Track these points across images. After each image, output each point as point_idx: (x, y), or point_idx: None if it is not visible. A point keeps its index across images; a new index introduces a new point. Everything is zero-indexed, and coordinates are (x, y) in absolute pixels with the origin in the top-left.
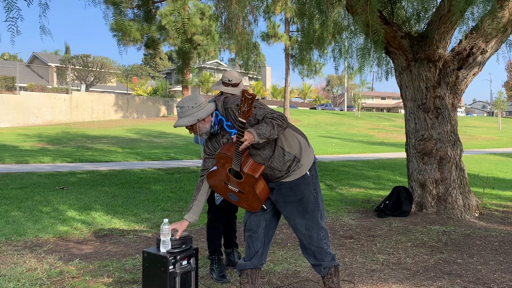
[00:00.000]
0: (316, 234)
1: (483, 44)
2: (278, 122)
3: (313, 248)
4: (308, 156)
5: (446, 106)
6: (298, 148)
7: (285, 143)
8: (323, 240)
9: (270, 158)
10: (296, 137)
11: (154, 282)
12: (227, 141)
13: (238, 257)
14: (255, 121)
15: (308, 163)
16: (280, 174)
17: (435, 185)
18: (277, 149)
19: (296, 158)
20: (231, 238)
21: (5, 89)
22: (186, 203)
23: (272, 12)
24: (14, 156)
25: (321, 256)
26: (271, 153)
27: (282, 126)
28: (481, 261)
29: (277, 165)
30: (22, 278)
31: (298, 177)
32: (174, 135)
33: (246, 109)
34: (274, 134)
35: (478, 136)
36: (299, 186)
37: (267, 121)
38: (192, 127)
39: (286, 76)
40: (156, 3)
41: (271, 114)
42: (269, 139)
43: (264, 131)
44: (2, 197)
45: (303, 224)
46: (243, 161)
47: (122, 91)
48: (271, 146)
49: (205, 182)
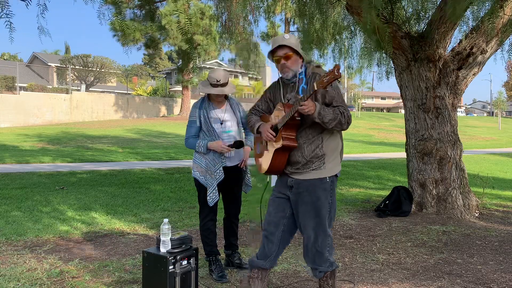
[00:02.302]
0: (322, 240)
1: (483, 44)
2: (342, 119)
3: (315, 251)
4: (334, 165)
5: (446, 106)
6: (332, 151)
7: (327, 138)
8: (326, 247)
9: (306, 141)
10: (338, 142)
11: (154, 282)
12: (287, 101)
13: (238, 259)
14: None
15: (331, 170)
16: (301, 162)
17: (435, 185)
18: (317, 138)
19: (323, 158)
20: (231, 241)
21: (5, 89)
22: (186, 203)
23: (272, 12)
24: (14, 156)
25: (320, 261)
26: (310, 137)
27: (342, 124)
28: (481, 261)
29: (306, 151)
30: (22, 278)
31: (316, 178)
32: (174, 135)
33: (326, 80)
34: (330, 125)
35: (478, 136)
36: (316, 188)
37: (335, 111)
38: (290, 57)
39: None
40: (156, 3)
41: (343, 109)
42: (323, 124)
43: (326, 114)
44: (2, 197)
45: (312, 226)
46: (288, 125)
47: (122, 91)
48: (316, 131)
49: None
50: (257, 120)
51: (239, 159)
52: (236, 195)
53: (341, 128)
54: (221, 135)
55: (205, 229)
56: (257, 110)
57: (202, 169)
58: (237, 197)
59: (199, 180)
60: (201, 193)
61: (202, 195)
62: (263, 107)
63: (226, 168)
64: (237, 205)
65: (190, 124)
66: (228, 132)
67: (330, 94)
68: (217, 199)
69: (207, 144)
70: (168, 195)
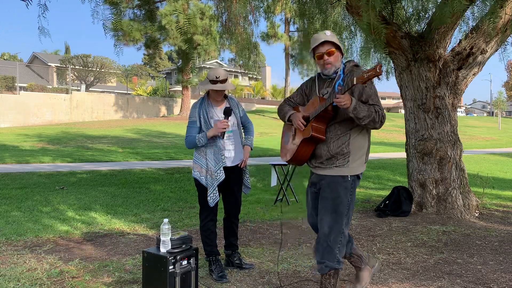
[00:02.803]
0: (334, 236)
1: (483, 44)
2: (376, 117)
3: (325, 246)
4: (358, 165)
5: (446, 106)
6: (358, 150)
7: (355, 136)
8: (337, 244)
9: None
10: (365, 142)
11: (154, 282)
12: (322, 95)
13: (238, 259)
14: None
15: (354, 169)
16: (325, 157)
17: (435, 185)
18: (345, 135)
19: (348, 156)
20: (231, 241)
21: (5, 89)
22: (186, 203)
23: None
24: (14, 156)
25: (328, 256)
26: (338, 133)
27: (375, 122)
28: (481, 261)
29: (332, 146)
30: (22, 278)
31: (338, 175)
32: (174, 135)
33: (366, 76)
34: (364, 121)
35: (478, 136)
36: (337, 185)
37: (370, 108)
38: (333, 53)
39: (286, 76)
40: (156, 3)
41: (378, 108)
42: (357, 120)
43: (361, 110)
44: (2, 197)
45: (328, 221)
46: (320, 116)
47: (122, 91)
48: (345, 128)
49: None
50: (289, 109)
51: (239, 159)
52: (236, 196)
53: (373, 126)
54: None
55: (205, 229)
56: (290, 101)
57: (202, 169)
58: (237, 198)
59: (200, 180)
60: (202, 194)
61: (202, 195)
62: (297, 99)
63: (226, 168)
64: (237, 205)
65: (190, 124)
66: (228, 133)
67: (367, 92)
68: (217, 200)
69: (206, 134)
70: (168, 195)
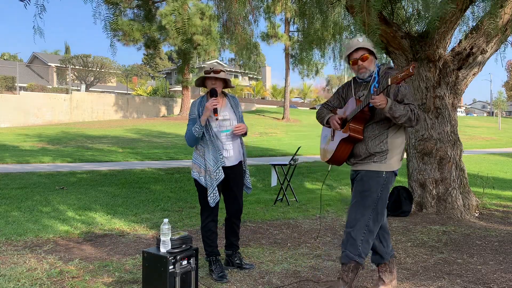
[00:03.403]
0: (358, 228)
1: (483, 44)
2: (412, 116)
3: (349, 236)
4: (394, 162)
5: (446, 106)
6: (395, 148)
7: (392, 135)
8: (361, 237)
9: (372, 135)
10: (402, 140)
11: (154, 282)
12: (359, 98)
13: (238, 259)
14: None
15: (390, 166)
16: (363, 155)
17: (435, 185)
18: (383, 134)
19: (386, 154)
20: (232, 241)
21: (5, 89)
22: (186, 203)
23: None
24: (14, 156)
25: (350, 247)
26: (376, 132)
27: (411, 121)
28: (481, 261)
29: (370, 145)
30: (22, 278)
31: (372, 170)
32: (174, 135)
33: (400, 76)
34: (400, 120)
35: (478, 136)
36: (369, 179)
37: (406, 107)
38: (366, 58)
39: (286, 76)
40: (156, 3)
41: (413, 106)
42: (394, 119)
43: (396, 110)
44: (2, 197)
45: (353, 213)
46: (357, 117)
47: (122, 91)
48: (382, 127)
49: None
50: (327, 113)
51: (238, 159)
52: (236, 195)
53: (410, 124)
54: (218, 135)
55: (206, 230)
56: (328, 105)
57: (201, 169)
58: (237, 197)
59: (199, 180)
60: (202, 194)
61: (202, 195)
62: (335, 103)
63: (226, 168)
64: (238, 205)
65: (190, 122)
66: (226, 132)
67: (402, 92)
68: (218, 199)
69: (199, 122)
70: (168, 195)
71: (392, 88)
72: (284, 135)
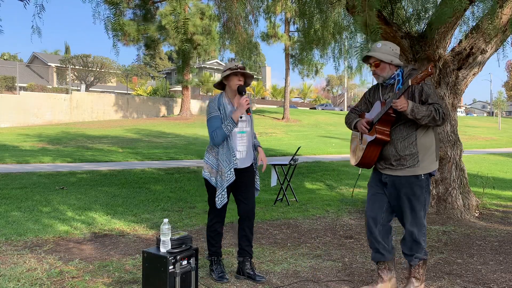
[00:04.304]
0: (418, 231)
1: (483, 44)
2: (436, 116)
3: (412, 241)
4: (429, 163)
5: (446, 106)
6: (426, 149)
7: (421, 136)
8: (422, 237)
9: (400, 137)
10: (432, 140)
11: (154, 282)
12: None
13: (250, 268)
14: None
15: (426, 168)
16: (393, 158)
17: (435, 185)
18: (411, 135)
19: (417, 156)
20: (244, 247)
21: (5, 89)
22: (186, 203)
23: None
24: (14, 156)
25: (416, 249)
26: (404, 134)
27: (436, 120)
28: (481, 261)
29: (399, 147)
30: (22, 278)
31: (411, 175)
32: (174, 135)
33: (420, 76)
34: (424, 121)
35: (478, 136)
36: (412, 184)
37: (429, 107)
38: (379, 65)
39: (286, 76)
40: (156, 3)
41: (438, 106)
42: (417, 120)
43: (419, 111)
44: (2, 197)
45: (409, 219)
46: (383, 120)
47: (122, 91)
48: (410, 129)
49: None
50: (355, 117)
51: (250, 161)
52: (248, 198)
53: (435, 124)
54: (234, 135)
55: (212, 230)
56: (356, 110)
57: (213, 170)
58: (248, 200)
59: (210, 181)
60: (211, 194)
61: (211, 196)
62: (362, 107)
63: (237, 170)
64: (249, 208)
65: (212, 119)
66: (242, 133)
67: (426, 92)
68: (225, 202)
69: (231, 118)
70: (168, 195)
71: (417, 89)
72: (284, 135)
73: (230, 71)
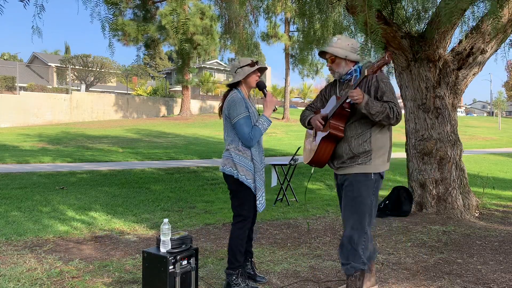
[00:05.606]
0: (358, 237)
1: (483, 44)
2: (390, 114)
3: (350, 248)
4: (380, 163)
5: (446, 106)
6: (379, 148)
7: (376, 134)
8: (361, 245)
9: (354, 134)
10: (386, 140)
11: (154, 282)
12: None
13: (251, 268)
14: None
15: (377, 167)
16: (347, 156)
17: (435, 185)
18: (365, 133)
19: (370, 154)
20: (247, 247)
21: (5, 89)
22: (186, 203)
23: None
24: (14, 156)
25: (353, 257)
26: (358, 131)
27: (389, 119)
28: (481, 261)
29: (352, 144)
30: (22, 278)
31: (361, 173)
32: (174, 135)
33: (376, 65)
34: (378, 117)
35: (478, 136)
36: (359, 184)
37: (384, 105)
38: (335, 60)
39: (286, 76)
40: (156, 3)
41: (393, 104)
42: (370, 116)
43: (373, 106)
44: (2, 197)
45: (350, 222)
46: (337, 114)
47: (122, 91)
48: (365, 126)
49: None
50: (309, 114)
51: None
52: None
53: (388, 122)
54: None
55: (243, 238)
56: (311, 107)
57: (249, 172)
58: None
59: (247, 184)
60: (248, 200)
61: (248, 202)
62: (318, 104)
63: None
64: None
65: (245, 119)
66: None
67: (381, 89)
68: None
69: (265, 116)
70: (168, 195)
71: (373, 85)
72: (284, 135)
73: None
